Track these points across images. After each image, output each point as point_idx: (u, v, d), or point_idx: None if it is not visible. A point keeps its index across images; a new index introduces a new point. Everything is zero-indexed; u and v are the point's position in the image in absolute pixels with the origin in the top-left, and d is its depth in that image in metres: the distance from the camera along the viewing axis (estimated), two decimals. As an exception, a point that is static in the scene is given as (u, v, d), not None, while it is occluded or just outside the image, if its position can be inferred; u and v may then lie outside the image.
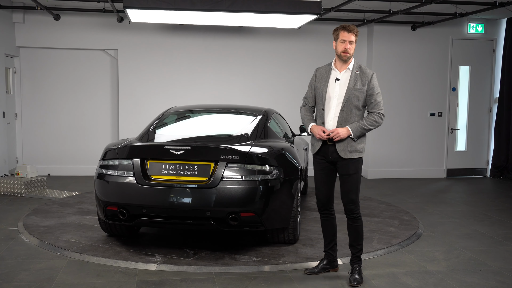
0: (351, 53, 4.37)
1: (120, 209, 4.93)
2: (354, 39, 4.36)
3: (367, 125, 4.40)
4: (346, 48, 4.34)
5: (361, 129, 4.38)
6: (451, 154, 10.47)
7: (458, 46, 10.30)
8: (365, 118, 4.43)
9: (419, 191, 8.95)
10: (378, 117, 4.43)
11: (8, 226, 6.19)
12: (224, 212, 4.80)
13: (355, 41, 4.39)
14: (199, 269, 4.79)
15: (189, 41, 9.83)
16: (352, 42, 4.36)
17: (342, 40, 4.35)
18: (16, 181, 7.95)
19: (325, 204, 4.62)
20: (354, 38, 4.36)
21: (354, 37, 4.36)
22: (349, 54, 4.37)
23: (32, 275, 4.59)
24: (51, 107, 9.79)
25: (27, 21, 9.38)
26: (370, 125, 4.41)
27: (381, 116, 4.44)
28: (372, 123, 4.41)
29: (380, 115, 4.43)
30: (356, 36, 4.37)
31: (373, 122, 4.41)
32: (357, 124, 4.38)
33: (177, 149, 4.90)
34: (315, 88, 4.57)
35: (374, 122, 4.42)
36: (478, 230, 6.41)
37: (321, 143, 4.49)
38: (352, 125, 4.38)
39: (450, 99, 10.39)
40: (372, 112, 4.44)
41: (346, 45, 4.34)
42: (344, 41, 4.34)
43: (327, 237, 4.72)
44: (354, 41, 4.37)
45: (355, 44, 4.40)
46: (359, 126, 4.38)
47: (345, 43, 4.34)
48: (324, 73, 4.55)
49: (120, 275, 4.63)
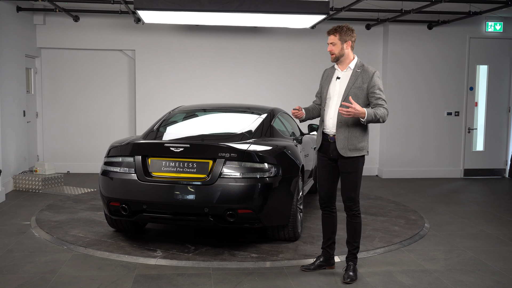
0: (336, 53, 4.48)
1: (122, 205, 5.08)
2: (335, 39, 4.47)
3: (378, 114, 4.32)
4: (329, 50, 4.51)
5: (373, 115, 4.29)
6: (468, 154, 10.35)
7: (476, 45, 10.18)
8: (377, 108, 4.36)
9: (432, 191, 8.89)
10: (386, 112, 4.38)
11: (21, 220, 6.42)
12: (221, 209, 4.90)
13: (340, 39, 4.46)
14: (197, 264, 4.90)
15: (204, 42, 9.98)
16: (333, 43, 4.48)
17: (328, 43, 4.53)
18: (34, 178, 8.21)
19: (327, 201, 4.68)
20: (334, 38, 4.47)
21: (333, 38, 4.47)
22: (334, 54, 4.49)
23: (36, 267, 4.78)
24: (71, 106, 10.06)
25: (47, 22, 9.66)
26: (380, 116, 4.32)
27: (387, 112, 4.41)
28: (382, 115, 4.33)
29: (387, 111, 4.41)
30: (336, 36, 4.46)
31: (382, 114, 4.33)
32: (371, 109, 4.34)
33: (176, 146, 5.03)
34: (321, 88, 4.70)
35: (383, 114, 4.34)
36: (485, 230, 6.36)
37: (321, 139, 4.59)
38: (367, 109, 4.33)
39: (468, 98, 10.27)
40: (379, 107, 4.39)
41: (329, 47, 4.51)
42: (328, 44, 4.53)
43: (326, 234, 4.77)
44: (335, 41, 4.47)
45: (341, 43, 4.47)
46: (373, 111, 4.31)
47: (328, 45, 4.52)
48: (329, 73, 4.67)
49: (120, 269, 4.78)
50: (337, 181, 4.68)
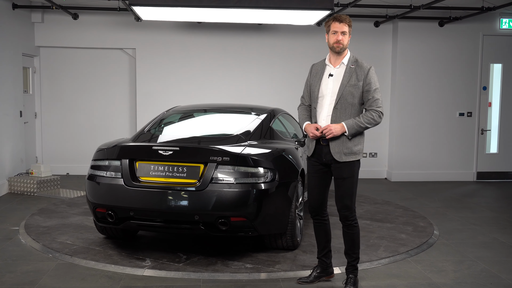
0: (344, 44, 4.06)
1: (108, 211, 4.78)
2: (347, 29, 4.06)
3: (364, 122, 4.04)
4: (338, 39, 4.04)
5: (357, 126, 4.03)
6: (482, 156, 9.93)
7: (489, 42, 9.76)
8: (362, 116, 4.08)
9: (443, 195, 8.50)
10: (376, 115, 4.07)
11: (10, 225, 6.16)
12: (213, 217, 4.58)
13: (349, 32, 4.09)
14: (187, 275, 4.58)
15: (206, 40, 9.67)
16: (345, 32, 4.05)
17: (334, 31, 4.07)
18: (29, 180, 7.95)
19: (317, 209, 4.32)
20: (347, 28, 4.06)
21: (347, 28, 4.06)
22: (342, 45, 4.06)
23: (16, 277, 4.49)
24: (70, 106, 9.80)
25: (46, 20, 9.41)
26: (367, 123, 4.05)
27: (379, 114, 4.08)
28: (369, 121, 4.05)
29: (379, 113, 4.08)
30: (349, 26, 4.07)
31: (370, 120, 4.05)
32: (353, 120, 4.04)
33: (165, 149, 4.71)
34: (310, 86, 4.30)
35: (372, 119, 4.06)
36: (498, 238, 5.97)
37: (315, 143, 4.20)
38: (348, 121, 4.04)
39: (481, 98, 9.85)
40: (369, 109, 4.10)
41: (338, 36, 4.04)
42: (335, 32, 4.06)
43: (320, 243, 4.42)
44: (347, 32, 4.07)
45: (349, 35, 4.09)
46: (355, 123, 4.03)
47: (336, 34, 4.05)
48: (319, 69, 4.27)
49: (105, 280, 4.47)
50: (329, 187, 4.32)
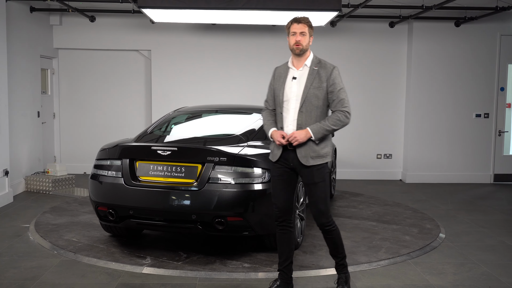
0: (304, 45, 3.98)
1: (109, 210, 4.89)
2: (306, 30, 3.99)
3: (330, 125, 3.94)
4: (297, 40, 3.97)
5: (323, 130, 3.93)
6: (499, 158, 9.77)
7: (507, 42, 9.59)
8: (327, 118, 4.01)
9: (456, 197, 8.39)
10: (343, 116, 3.97)
11: (21, 223, 6.33)
12: (209, 216, 4.64)
13: (309, 32, 4.01)
14: (184, 273, 4.66)
15: (220, 41, 9.75)
16: (304, 33, 3.98)
17: (293, 32, 4.00)
18: (44, 179, 8.15)
19: (284, 214, 4.11)
20: (307, 29, 3.99)
21: (306, 28, 3.99)
22: (302, 46, 3.98)
23: (19, 273, 4.63)
24: (88, 106, 10.01)
25: (64, 23, 9.63)
26: (333, 125, 3.95)
27: (346, 114, 3.98)
28: (335, 123, 3.96)
29: (345, 113, 3.98)
30: (309, 27, 4.00)
31: (336, 121, 3.96)
32: (318, 124, 3.95)
33: (163, 149, 4.80)
34: (274, 90, 4.17)
35: (338, 121, 3.96)
36: (505, 241, 5.88)
37: (281, 150, 4.06)
38: (313, 126, 3.94)
39: (498, 99, 9.70)
40: (335, 111, 4.01)
41: (297, 37, 3.97)
42: (294, 33, 3.99)
43: (283, 253, 4.15)
44: (306, 32, 3.99)
45: (309, 36, 4.02)
46: (321, 127, 3.94)
47: (295, 35, 3.98)
48: (282, 73, 4.15)
49: (104, 277, 4.58)
50: (294, 192, 4.18)
